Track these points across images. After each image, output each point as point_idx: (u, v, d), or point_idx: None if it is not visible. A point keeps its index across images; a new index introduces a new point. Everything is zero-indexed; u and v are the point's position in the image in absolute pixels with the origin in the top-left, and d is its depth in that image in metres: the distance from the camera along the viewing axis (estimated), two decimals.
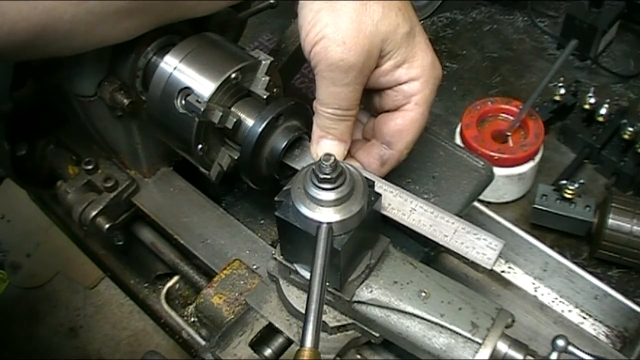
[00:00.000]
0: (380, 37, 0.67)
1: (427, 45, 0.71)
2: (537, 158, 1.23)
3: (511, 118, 1.25)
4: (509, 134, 1.24)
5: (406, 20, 0.69)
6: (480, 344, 0.62)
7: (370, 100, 0.76)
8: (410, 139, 0.73)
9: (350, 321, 0.70)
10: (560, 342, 0.61)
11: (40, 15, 0.64)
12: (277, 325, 0.73)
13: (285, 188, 0.66)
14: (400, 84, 0.71)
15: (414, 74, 0.70)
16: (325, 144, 0.73)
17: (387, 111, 0.74)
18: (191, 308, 0.96)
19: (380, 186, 0.71)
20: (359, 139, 0.79)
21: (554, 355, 0.61)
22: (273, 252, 0.71)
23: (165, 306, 0.94)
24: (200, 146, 0.77)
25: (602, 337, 0.90)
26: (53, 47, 0.70)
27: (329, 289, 0.67)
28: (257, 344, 0.73)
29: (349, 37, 0.65)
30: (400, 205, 0.70)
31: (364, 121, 0.80)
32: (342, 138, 0.73)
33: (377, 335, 0.69)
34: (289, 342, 0.73)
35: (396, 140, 0.73)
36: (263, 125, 0.73)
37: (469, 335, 0.63)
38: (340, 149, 0.74)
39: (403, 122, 0.72)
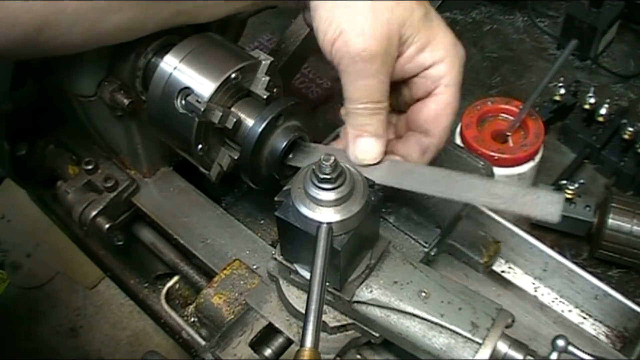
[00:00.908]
0: (397, 22, 0.66)
1: (445, 27, 0.70)
2: (537, 158, 1.22)
3: (511, 118, 1.25)
4: (509, 134, 1.24)
5: (420, 4, 0.68)
6: (480, 344, 0.62)
7: (400, 94, 0.75)
8: (447, 123, 0.72)
9: (350, 321, 0.70)
10: (560, 342, 0.61)
11: (44, 6, 0.64)
12: (277, 325, 0.73)
13: (285, 188, 0.66)
14: (426, 69, 0.70)
15: (438, 56, 0.70)
16: (363, 143, 0.71)
17: (418, 100, 0.73)
18: (191, 308, 0.96)
19: (431, 169, 0.70)
20: (392, 138, 0.77)
21: (554, 355, 0.61)
22: (273, 252, 0.71)
23: (165, 306, 0.94)
24: (200, 146, 0.77)
25: (602, 337, 0.90)
26: (54, 43, 0.70)
27: (329, 289, 0.67)
28: (257, 344, 0.73)
29: (368, 27, 0.65)
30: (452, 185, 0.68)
31: (393, 121, 0.78)
32: (378, 133, 0.70)
33: (377, 335, 0.69)
34: (289, 342, 0.73)
35: (433, 127, 0.72)
36: (263, 125, 0.73)
37: (469, 335, 0.63)
38: (379, 145, 0.71)
39: (437, 107, 0.71)
